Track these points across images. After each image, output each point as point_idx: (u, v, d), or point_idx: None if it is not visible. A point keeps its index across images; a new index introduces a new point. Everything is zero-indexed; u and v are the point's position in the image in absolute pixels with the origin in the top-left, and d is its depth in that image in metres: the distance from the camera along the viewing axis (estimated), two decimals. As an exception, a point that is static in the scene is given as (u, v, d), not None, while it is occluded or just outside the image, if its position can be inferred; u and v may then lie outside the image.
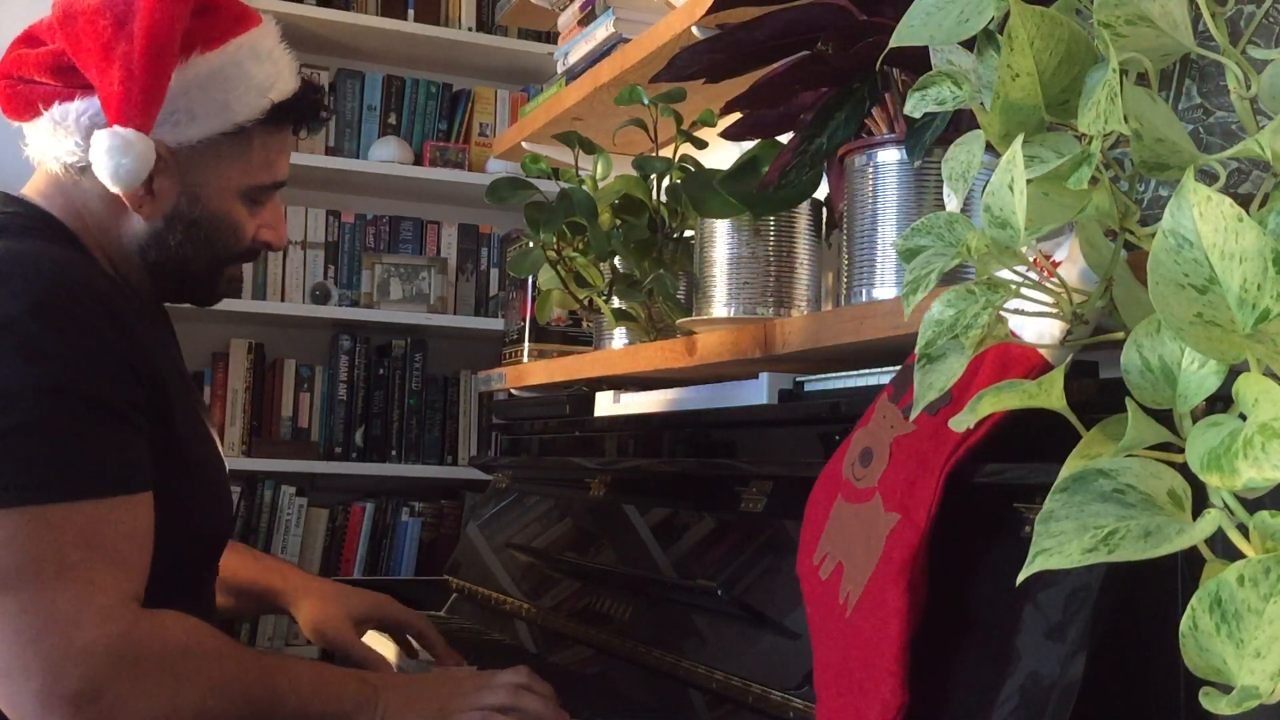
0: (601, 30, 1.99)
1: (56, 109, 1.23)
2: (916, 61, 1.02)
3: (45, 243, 1.20)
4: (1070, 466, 0.70)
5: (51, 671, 1.02)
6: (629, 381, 1.71)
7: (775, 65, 1.26)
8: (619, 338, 1.76)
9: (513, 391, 2.06)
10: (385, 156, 3.16)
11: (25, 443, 1.07)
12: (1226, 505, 0.63)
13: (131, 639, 1.05)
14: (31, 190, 1.30)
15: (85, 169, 1.23)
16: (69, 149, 1.23)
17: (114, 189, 1.21)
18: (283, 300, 3.14)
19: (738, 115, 1.39)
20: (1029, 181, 0.70)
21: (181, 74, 1.22)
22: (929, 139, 1.10)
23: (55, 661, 1.02)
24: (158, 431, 1.18)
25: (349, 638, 1.48)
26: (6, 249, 1.16)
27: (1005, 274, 0.76)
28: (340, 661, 1.48)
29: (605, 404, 1.67)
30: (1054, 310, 0.78)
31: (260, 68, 1.28)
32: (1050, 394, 0.72)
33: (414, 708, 1.18)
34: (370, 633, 1.72)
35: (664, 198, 1.64)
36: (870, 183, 1.19)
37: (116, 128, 1.18)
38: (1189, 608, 0.59)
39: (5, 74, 1.27)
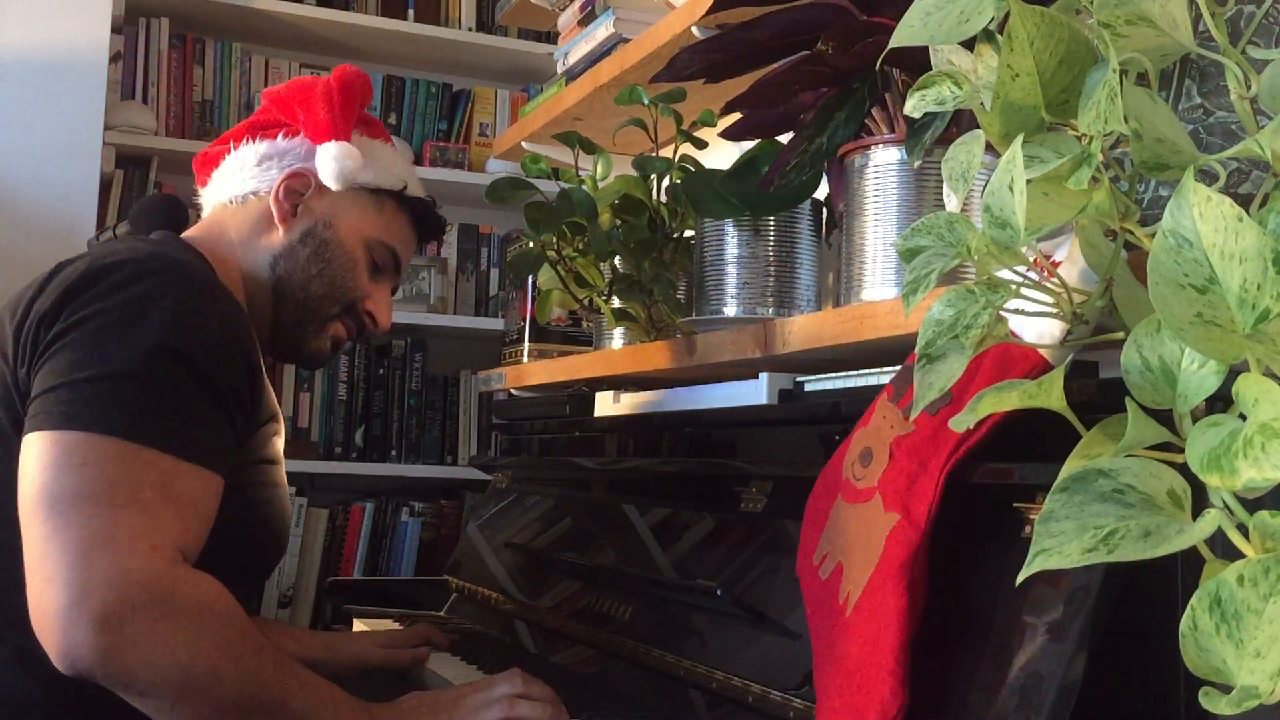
0: (601, 30, 1.99)
1: (237, 152, 1.51)
2: (916, 61, 1.02)
3: (196, 260, 1.37)
4: (1070, 466, 0.70)
5: (88, 587, 1.05)
6: (629, 381, 1.70)
7: (775, 65, 1.26)
8: (619, 338, 1.76)
9: (513, 391, 2.06)
10: (385, 156, 3.15)
11: (135, 388, 1.15)
12: (1226, 505, 0.63)
13: (170, 578, 1.09)
14: (190, 230, 1.51)
15: (246, 196, 1.49)
16: (240, 180, 1.49)
17: (335, 185, 1.47)
18: (283, 300, 3.14)
19: (738, 115, 1.39)
20: (1029, 181, 0.70)
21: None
22: (929, 139, 1.10)
23: (95, 578, 1.06)
24: (251, 440, 1.28)
25: (395, 657, 1.57)
26: (164, 253, 1.31)
27: (1005, 274, 0.76)
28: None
29: (605, 404, 1.67)
30: (1054, 310, 0.78)
31: (402, 165, 1.57)
32: (1050, 394, 0.72)
33: None
34: (360, 623, 1.73)
35: (664, 198, 1.64)
36: (870, 183, 1.19)
37: (333, 142, 1.47)
38: (1189, 608, 0.59)
39: (204, 150, 1.58)
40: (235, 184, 1.50)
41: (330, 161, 1.46)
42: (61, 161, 2.69)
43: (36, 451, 1.13)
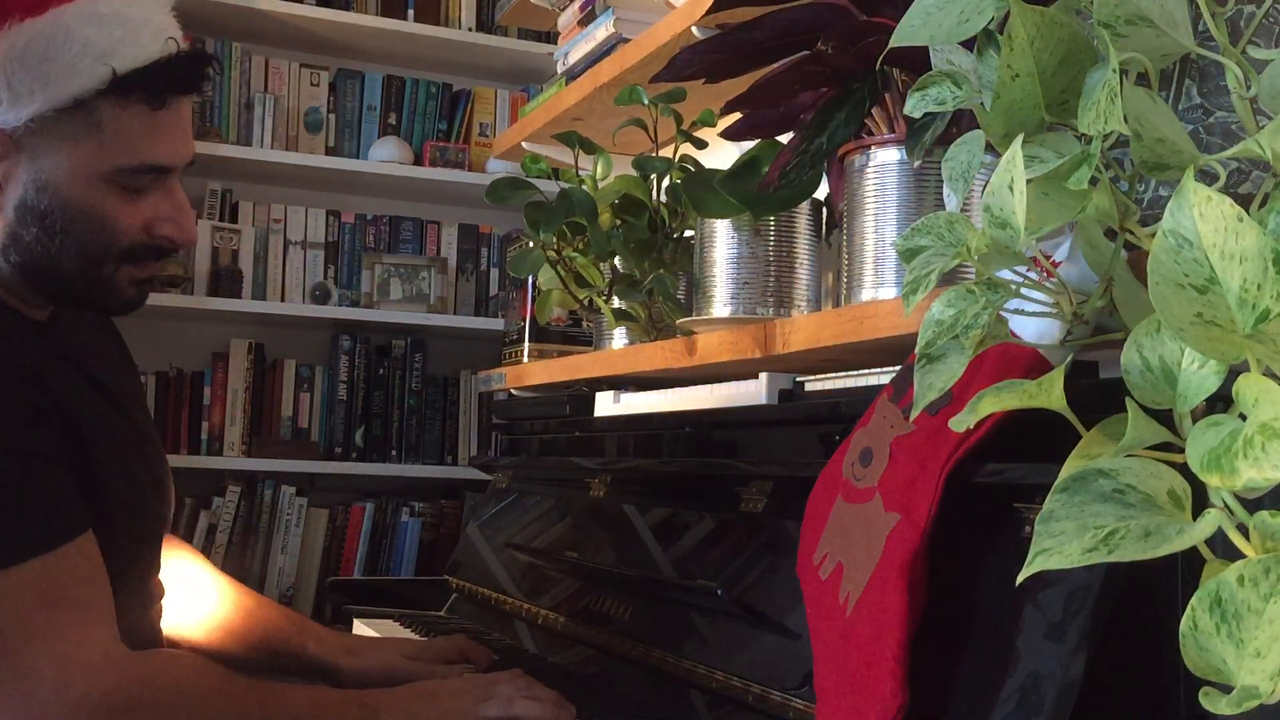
0: (601, 30, 1.99)
1: None
2: (916, 61, 1.02)
3: None
4: (1070, 466, 0.70)
5: None
6: (629, 381, 1.70)
7: (775, 65, 1.26)
8: (619, 338, 1.76)
9: (513, 391, 2.06)
10: (385, 156, 3.16)
11: None
12: (1226, 505, 0.63)
13: (122, 688, 1.03)
14: None
15: None
16: None
17: None
18: (283, 300, 3.14)
19: (738, 115, 1.39)
20: (1029, 181, 0.70)
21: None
22: (929, 139, 1.10)
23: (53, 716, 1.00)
24: (76, 467, 1.14)
25: (419, 670, 1.47)
26: None
27: (1005, 274, 0.76)
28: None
29: (605, 404, 1.67)
30: (1054, 310, 0.78)
31: (98, 31, 1.12)
32: (1050, 394, 0.72)
33: None
34: (360, 623, 1.72)
35: (664, 198, 1.64)
36: (870, 183, 1.19)
37: None
38: (1189, 608, 0.59)
39: None
40: None
41: None
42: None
43: None
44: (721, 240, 1.44)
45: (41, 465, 1.08)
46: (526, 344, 2.11)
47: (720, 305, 1.43)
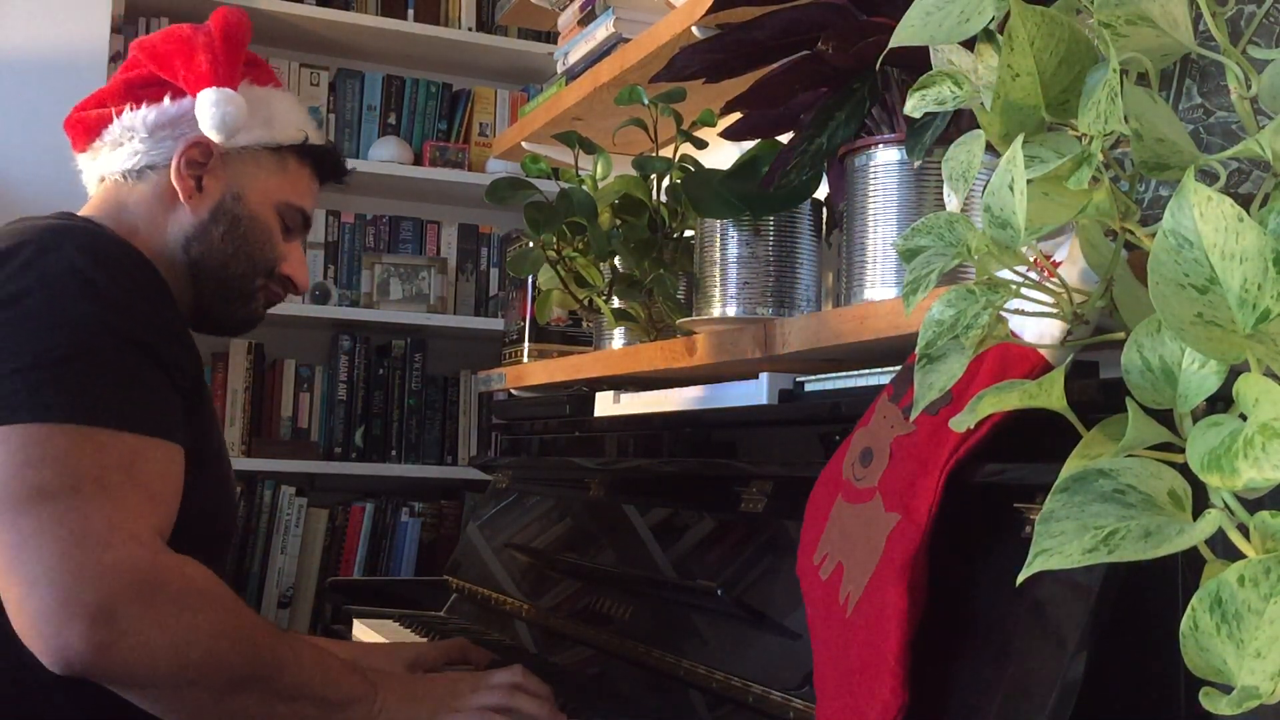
0: (601, 30, 1.99)
1: (123, 120, 1.40)
2: (916, 61, 1.02)
3: (77, 223, 1.32)
4: (1070, 466, 0.70)
5: (74, 585, 1.04)
6: (629, 381, 1.70)
7: (775, 65, 1.26)
8: (619, 338, 1.76)
9: (513, 391, 2.06)
10: (385, 156, 3.16)
11: (81, 369, 1.12)
12: (1227, 505, 0.63)
13: (155, 567, 1.08)
14: (85, 209, 1.43)
15: (142, 171, 1.39)
16: (132, 151, 1.39)
17: (218, 138, 1.36)
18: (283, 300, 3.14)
19: (738, 115, 1.39)
20: (1029, 181, 0.70)
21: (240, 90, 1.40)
22: (929, 139, 1.10)
23: (80, 575, 1.04)
24: (188, 412, 1.23)
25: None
26: (71, 224, 1.29)
27: (1005, 274, 0.76)
28: None
29: (605, 404, 1.67)
30: (1054, 310, 0.78)
31: (298, 112, 1.48)
32: (1050, 394, 0.72)
33: (411, 706, 1.20)
34: (360, 624, 1.72)
35: (664, 198, 1.64)
36: (870, 183, 1.19)
37: (212, 87, 1.36)
38: (1189, 608, 0.59)
39: (78, 108, 1.46)
40: (126, 156, 1.39)
41: (210, 109, 1.35)
42: (61, 162, 2.69)
43: None
44: (721, 240, 1.44)
45: (160, 370, 1.18)
46: (526, 344, 2.11)
47: (720, 305, 1.43)
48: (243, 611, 1.14)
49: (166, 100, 1.39)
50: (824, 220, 1.47)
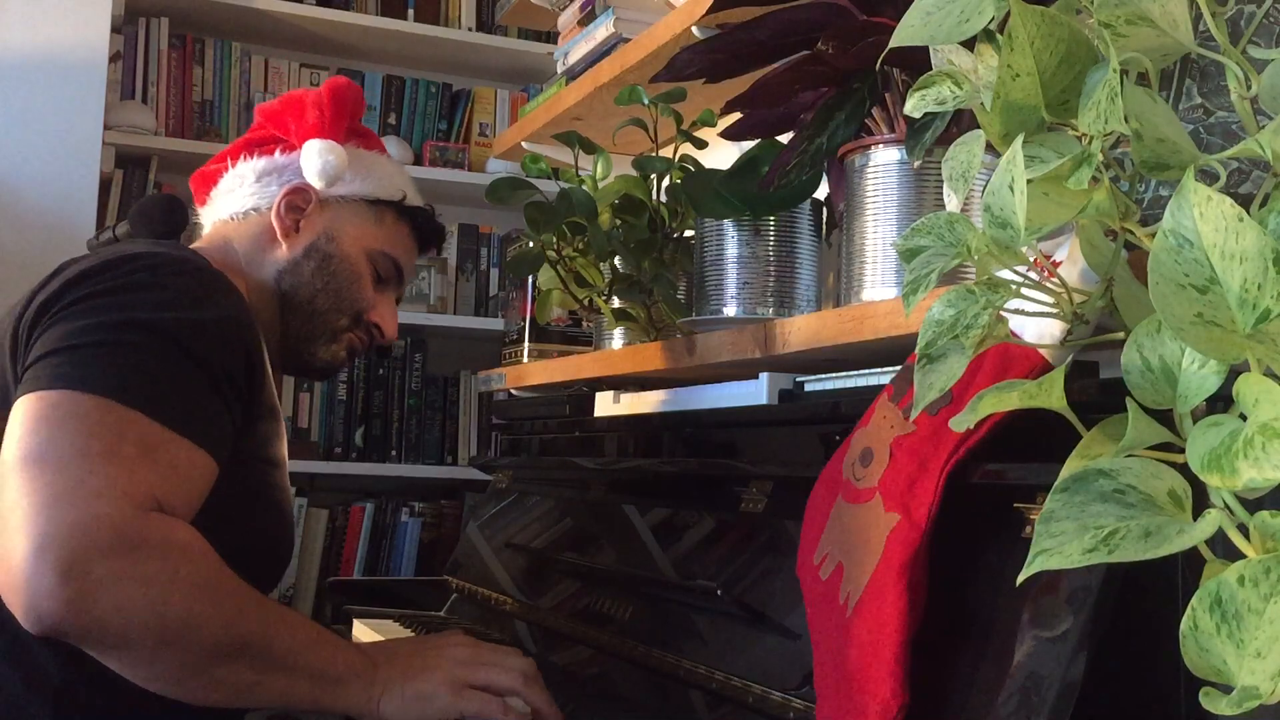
0: (601, 30, 1.99)
1: (235, 169, 1.52)
2: (916, 61, 1.02)
3: (192, 255, 1.36)
4: (1070, 466, 0.70)
5: (50, 535, 1.01)
6: (629, 381, 1.70)
7: (775, 65, 1.26)
8: (619, 338, 1.76)
9: (513, 391, 2.06)
10: (385, 156, 3.16)
11: (134, 357, 1.14)
12: (1227, 505, 0.63)
13: (139, 523, 1.05)
14: (194, 245, 1.51)
15: (247, 212, 1.50)
16: (241, 196, 1.50)
17: (320, 184, 1.47)
18: (283, 300, 3.14)
19: (738, 115, 1.39)
20: (1029, 181, 0.70)
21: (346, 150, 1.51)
22: (929, 139, 1.09)
23: (59, 526, 1.01)
24: (252, 436, 1.25)
25: None
26: (178, 251, 1.33)
27: (1005, 274, 0.76)
28: None
29: (605, 404, 1.67)
30: (1054, 310, 0.78)
31: (399, 175, 1.58)
32: (1050, 394, 0.72)
33: (415, 682, 1.16)
34: (360, 624, 1.72)
35: (664, 198, 1.64)
36: (870, 183, 1.19)
37: (318, 139, 1.47)
38: (1189, 608, 0.59)
39: (200, 170, 1.57)
40: (235, 201, 1.51)
41: (314, 158, 1.46)
42: (61, 161, 2.70)
43: (20, 414, 1.10)
44: (721, 240, 1.44)
45: (213, 385, 1.18)
46: (526, 344, 2.11)
47: (720, 305, 1.43)
48: (230, 576, 1.10)
49: (277, 153, 1.51)
50: (824, 220, 1.46)
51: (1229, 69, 0.76)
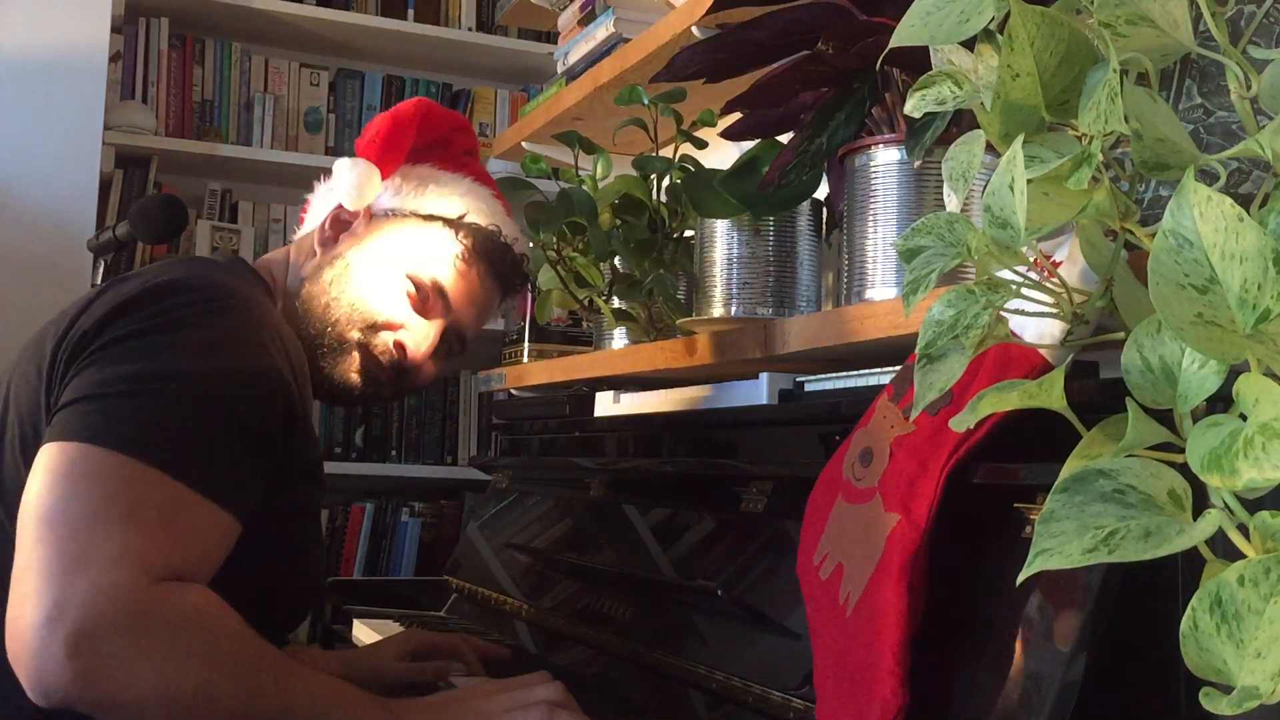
0: (601, 30, 1.99)
1: (321, 184, 1.53)
2: (916, 61, 1.02)
3: (240, 282, 1.30)
4: (1070, 467, 0.70)
5: (61, 606, 0.97)
6: (629, 381, 1.70)
7: (775, 65, 1.26)
8: (619, 338, 1.76)
9: (513, 391, 2.06)
10: (385, 156, 3.15)
11: (157, 408, 1.09)
12: (1227, 505, 0.63)
13: (152, 595, 1.01)
14: (280, 250, 1.53)
15: (310, 230, 1.48)
16: (314, 211, 1.52)
17: (349, 205, 1.43)
18: (283, 300, 3.14)
19: (738, 115, 1.39)
20: (1029, 181, 0.70)
21: (408, 167, 1.48)
22: (929, 139, 1.09)
23: (70, 597, 0.98)
24: (275, 489, 1.18)
25: (412, 672, 1.47)
26: (222, 281, 1.25)
27: (1005, 274, 0.76)
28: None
29: (605, 404, 1.67)
30: (1054, 310, 0.78)
31: (474, 200, 1.49)
32: (1050, 394, 0.72)
33: None
34: (360, 623, 1.72)
35: (664, 198, 1.64)
36: (870, 183, 1.19)
37: (356, 158, 1.43)
38: (1189, 608, 0.59)
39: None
40: (311, 218, 1.53)
41: (342, 175, 1.43)
42: (61, 161, 2.70)
43: (43, 462, 1.07)
44: (721, 240, 1.44)
45: (244, 442, 1.14)
46: (526, 344, 2.11)
47: (720, 305, 1.43)
48: (247, 642, 1.07)
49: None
50: (824, 220, 1.46)
51: (1229, 69, 0.76)
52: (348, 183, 1.43)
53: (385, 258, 1.43)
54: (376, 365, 1.42)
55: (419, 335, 1.43)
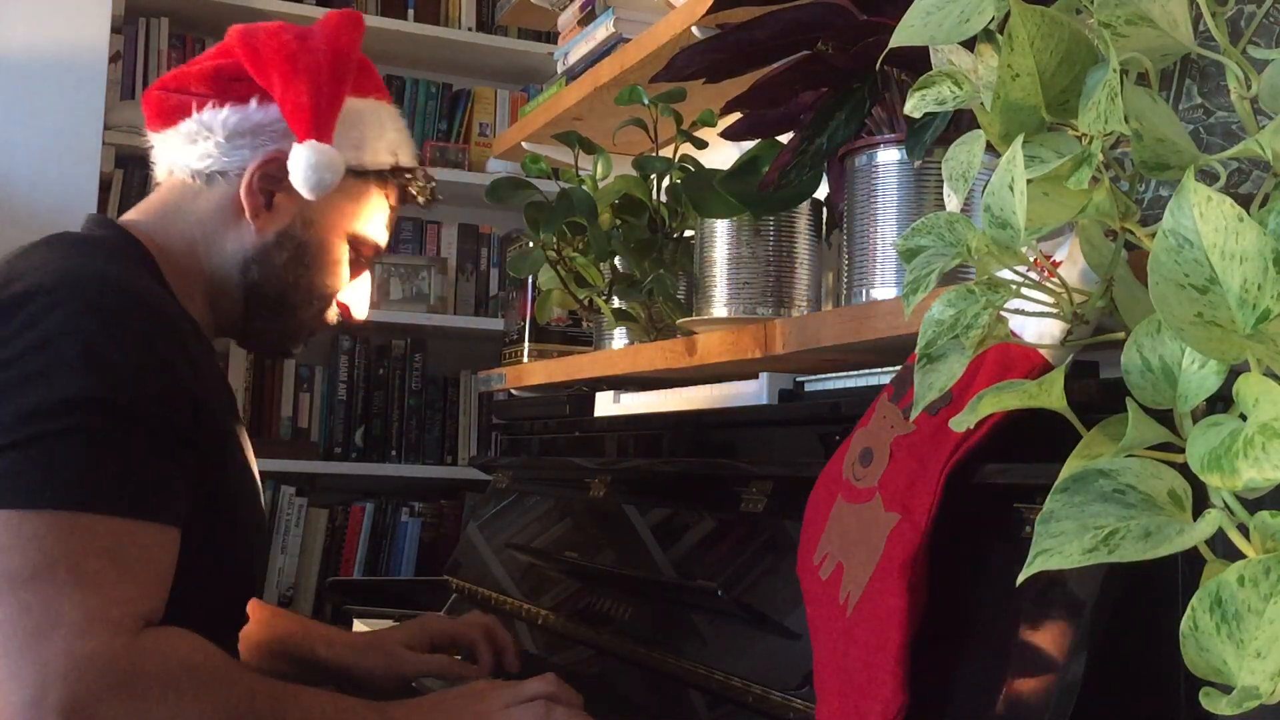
0: (601, 30, 1.99)
1: (202, 116, 1.30)
2: (916, 61, 1.02)
3: (122, 266, 1.20)
4: (1070, 467, 0.70)
5: (43, 681, 0.95)
6: (629, 381, 1.70)
7: (775, 65, 1.26)
8: (619, 338, 1.76)
9: (513, 391, 2.06)
10: (385, 156, 3.15)
11: (67, 449, 1.03)
12: (1227, 505, 0.63)
13: (134, 654, 1.00)
14: (134, 212, 1.35)
15: (212, 176, 1.31)
16: (204, 153, 1.30)
17: (309, 196, 1.28)
18: (283, 300, 3.14)
19: (738, 115, 1.39)
20: (1029, 181, 0.70)
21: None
22: (929, 139, 1.10)
23: (49, 670, 0.96)
24: (206, 474, 1.15)
25: (425, 664, 1.45)
26: (81, 268, 1.15)
27: (1005, 274, 0.76)
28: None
29: (605, 404, 1.67)
30: (1054, 310, 0.78)
31: (395, 132, 1.38)
32: (1050, 394, 0.72)
33: None
34: (360, 623, 1.72)
35: (664, 198, 1.64)
36: (870, 183, 1.19)
37: (314, 142, 1.26)
38: (1189, 608, 0.59)
39: (160, 85, 1.35)
40: (197, 155, 1.30)
41: (305, 169, 1.26)
42: (61, 161, 2.70)
43: None
44: (721, 240, 1.44)
45: (160, 446, 1.09)
46: (526, 344, 2.11)
47: (720, 305, 1.43)
48: (238, 683, 1.06)
49: (253, 104, 1.30)
50: (824, 220, 1.47)
51: (1229, 69, 0.76)
52: (316, 181, 1.27)
53: (332, 229, 1.34)
54: (324, 328, 1.41)
55: (360, 293, 1.41)
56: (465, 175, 3.21)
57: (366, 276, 1.42)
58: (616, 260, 1.69)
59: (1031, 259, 0.80)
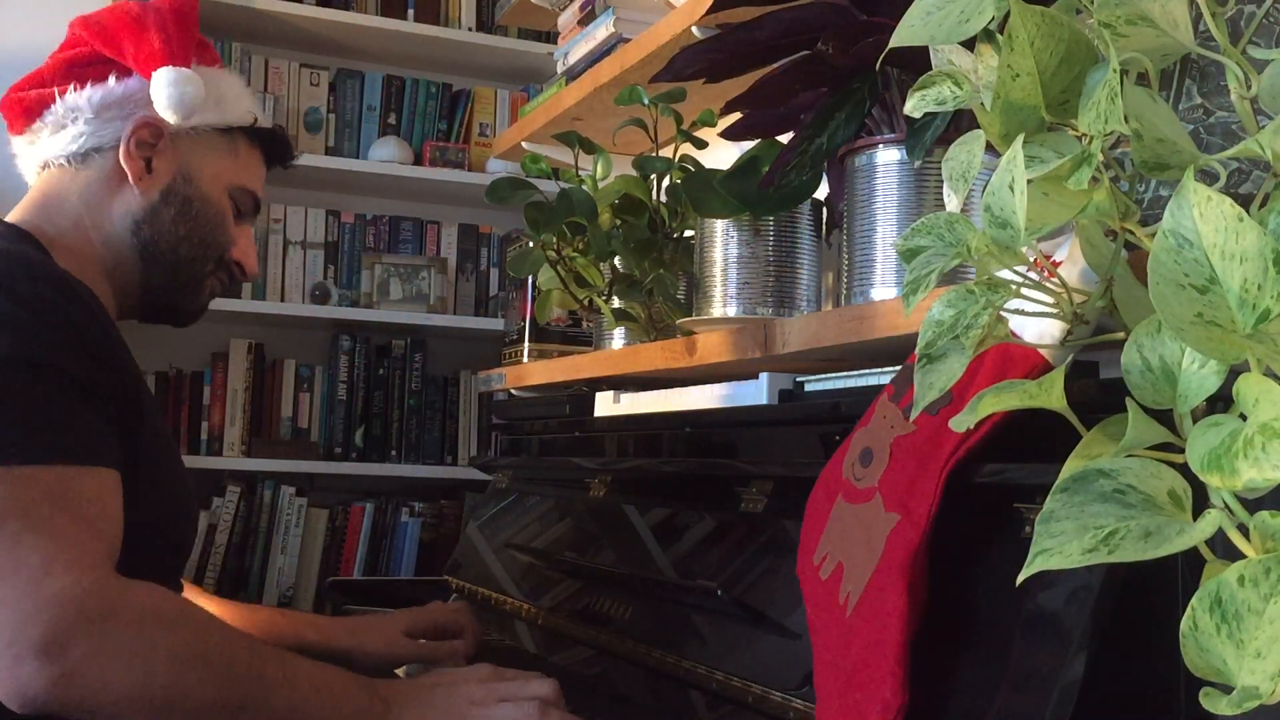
0: (601, 30, 1.99)
1: (64, 101, 1.34)
2: (916, 61, 1.02)
3: (19, 250, 1.23)
4: (1070, 467, 0.70)
5: (18, 622, 0.98)
6: (629, 381, 1.70)
7: (775, 65, 1.26)
8: (619, 338, 1.76)
9: (513, 391, 2.06)
10: (385, 156, 3.16)
11: None
12: (1227, 505, 0.63)
13: (103, 593, 1.02)
14: (14, 212, 1.36)
15: (87, 155, 1.34)
16: (76, 134, 1.34)
17: (177, 118, 1.33)
18: (282, 300, 3.14)
19: (738, 115, 1.39)
20: (1029, 181, 0.70)
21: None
22: (929, 139, 1.10)
23: (21, 611, 0.98)
24: (125, 430, 1.17)
25: (422, 651, 1.47)
26: None
27: (1005, 274, 0.76)
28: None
29: (605, 404, 1.67)
30: (1054, 310, 0.78)
31: (246, 95, 1.45)
32: (1050, 394, 0.72)
33: (430, 718, 1.12)
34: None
35: (664, 198, 1.64)
36: (870, 183, 1.19)
37: (168, 67, 1.32)
38: (1189, 608, 0.59)
39: (15, 89, 1.38)
40: (69, 140, 1.34)
41: (166, 89, 1.31)
42: (61, 161, 2.69)
43: None
44: (721, 240, 1.44)
45: (82, 395, 1.11)
46: (526, 344, 2.11)
47: (720, 305, 1.43)
48: (212, 632, 1.08)
49: (112, 80, 1.34)
50: (824, 220, 1.47)
51: (1229, 69, 0.76)
52: (179, 99, 1.32)
53: (212, 182, 1.39)
54: (221, 285, 1.45)
55: (248, 249, 1.46)
56: (465, 175, 3.21)
57: (250, 232, 1.47)
58: (616, 260, 1.69)
59: (1031, 259, 0.80)
